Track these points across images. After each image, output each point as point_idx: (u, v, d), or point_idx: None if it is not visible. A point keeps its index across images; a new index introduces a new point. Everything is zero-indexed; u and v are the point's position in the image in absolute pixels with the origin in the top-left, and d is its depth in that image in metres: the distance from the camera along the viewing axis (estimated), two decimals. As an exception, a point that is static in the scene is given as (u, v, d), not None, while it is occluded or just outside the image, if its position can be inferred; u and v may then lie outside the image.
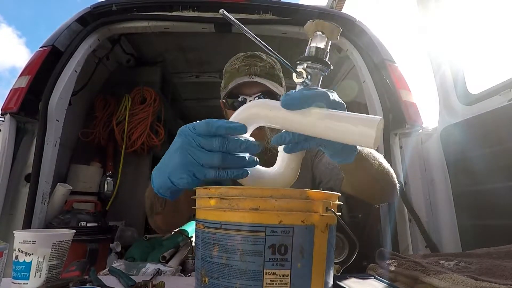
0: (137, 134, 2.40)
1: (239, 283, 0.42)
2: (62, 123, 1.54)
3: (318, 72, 0.55)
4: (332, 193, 0.49)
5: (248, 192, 0.44)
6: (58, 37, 1.60)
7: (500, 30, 1.31)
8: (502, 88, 1.19)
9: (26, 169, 1.41)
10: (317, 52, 0.55)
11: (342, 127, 0.47)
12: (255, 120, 0.55)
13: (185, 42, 2.43)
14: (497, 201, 1.18)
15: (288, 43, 2.14)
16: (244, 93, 0.99)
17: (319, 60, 0.54)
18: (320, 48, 0.55)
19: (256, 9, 1.75)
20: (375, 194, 0.85)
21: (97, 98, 2.41)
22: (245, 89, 0.99)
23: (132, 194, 2.42)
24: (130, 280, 0.66)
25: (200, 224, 0.47)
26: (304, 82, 0.54)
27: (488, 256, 0.72)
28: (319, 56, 0.55)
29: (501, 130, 1.18)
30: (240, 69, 1.00)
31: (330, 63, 0.56)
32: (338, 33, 0.55)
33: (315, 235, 0.44)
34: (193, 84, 3.09)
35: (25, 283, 0.60)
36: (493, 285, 0.51)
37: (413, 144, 1.55)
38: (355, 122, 0.47)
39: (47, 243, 0.62)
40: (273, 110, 0.53)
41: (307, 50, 0.56)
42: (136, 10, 1.76)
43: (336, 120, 0.48)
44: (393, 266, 0.67)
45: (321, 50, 0.55)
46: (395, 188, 0.84)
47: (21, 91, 1.44)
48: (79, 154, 2.24)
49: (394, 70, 1.63)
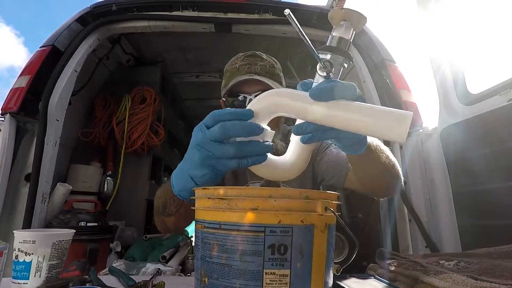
0: (137, 134, 2.40)
1: (238, 283, 0.42)
2: (62, 123, 1.54)
3: (341, 64, 0.53)
4: (331, 192, 0.49)
5: (247, 192, 0.44)
6: (58, 37, 1.60)
7: (500, 30, 1.31)
8: (502, 88, 1.19)
9: (26, 169, 1.41)
10: (341, 42, 0.53)
11: (375, 121, 0.47)
12: (276, 109, 0.53)
13: (185, 42, 2.43)
14: (497, 201, 1.18)
15: (288, 43, 2.14)
16: (244, 91, 0.99)
17: (343, 52, 0.52)
18: (344, 38, 0.53)
19: (256, 9, 1.75)
20: (381, 186, 0.86)
21: (97, 98, 2.42)
22: (246, 87, 0.99)
23: (132, 194, 2.42)
24: (130, 280, 0.66)
25: (199, 224, 0.47)
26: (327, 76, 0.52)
27: (488, 256, 0.72)
28: (342, 47, 0.52)
29: (501, 130, 1.18)
30: (241, 68, 1.00)
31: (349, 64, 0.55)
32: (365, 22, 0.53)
33: (315, 235, 0.44)
34: (193, 84, 3.09)
35: (25, 282, 0.60)
36: (493, 285, 0.51)
37: (413, 144, 1.55)
38: (389, 117, 0.47)
39: (47, 243, 0.62)
40: (295, 100, 0.51)
41: (331, 39, 0.53)
42: (136, 10, 1.76)
43: (369, 114, 0.48)
44: (393, 266, 0.67)
45: (344, 41, 0.53)
46: (400, 181, 0.85)
47: (21, 91, 1.44)
48: (79, 154, 2.24)
49: (394, 70, 1.64)
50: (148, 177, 2.53)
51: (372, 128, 0.48)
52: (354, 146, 0.58)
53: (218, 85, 1.12)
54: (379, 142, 0.75)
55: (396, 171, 0.82)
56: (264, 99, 0.53)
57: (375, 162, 0.73)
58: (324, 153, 1.03)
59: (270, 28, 1.77)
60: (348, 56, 0.53)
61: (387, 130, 0.47)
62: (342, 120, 0.49)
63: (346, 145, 0.57)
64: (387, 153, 0.78)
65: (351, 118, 0.48)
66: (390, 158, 0.79)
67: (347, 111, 0.48)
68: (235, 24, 1.76)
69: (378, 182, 0.83)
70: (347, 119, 0.48)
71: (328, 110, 0.49)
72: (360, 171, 0.81)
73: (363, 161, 0.72)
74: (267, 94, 0.54)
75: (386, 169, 0.77)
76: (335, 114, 0.49)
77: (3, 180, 1.33)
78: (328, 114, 0.49)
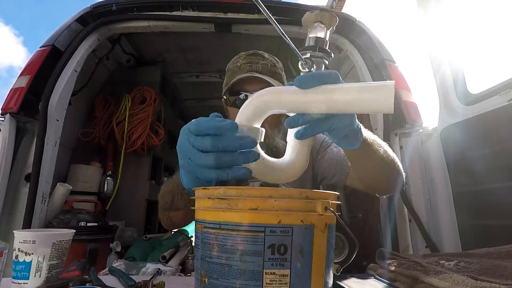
0: (137, 134, 2.40)
1: (238, 283, 0.42)
2: (62, 123, 1.54)
3: (321, 60, 0.57)
4: (331, 192, 0.49)
5: (247, 192, 0.44)
6: (58, 37, 1.60)
7: (500, 30, 1.31)
8: (502, 88, 1.19)
9: (26, 169, 1.41)
10: (317, 41, 0.57)
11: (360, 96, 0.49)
12: (268, 107, 0.55)
13: (185, 42, 2.43)
14: (497, 201, 1.18)
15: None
16: (246, 89, 0.99)
17: (320, 49, 0.56)
18: (320, 37, 0.57)
19: (256, 9, 1.74)
20: (381, 182, 0.85)
21: (97, 98, 2.42)
22: (247, 85, 0.99)
23: (132, 194, 2.42)
24: (130, 280, 0.66)
25: (199, 224, 0.47)
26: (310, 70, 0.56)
27: (488, 256, 0.72)
28: (320, 45, 0.57)
29: (501, 130, 1.18)
30: (242, 66, 1.01)
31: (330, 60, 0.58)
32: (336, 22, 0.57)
33: (315, 235, 0.44)
34: (193, 84, 3.09)
35: (25, 282, 0.60)
36: (493, 285, 0.51)
37: (413, 144, 1.55)
38: (372, 90, 0.49)
39: (47, 243, 0.62)
40: (284, 94, 0.54)
41: (308, 40, 0.58)
42: (136, 10, 1.76)
43: (354, 91, 0.50)
44: (393, 266, 0.67)
45: (321, 40, 0.57)
46: (401, 177, 0.84)
47: (21, 91, 1.44)
48: (79, 154, 2.24)
49: (394, 70, 1.64)
50: (148, 177, 2.53)
51: (359, 104, 0.49)
52: (349, 139, 0.59)
53: (218, 85, 1.12)
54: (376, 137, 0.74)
55: (397, 166, 0.81)
56: (251, 102, 0.55)
57: (373, 157, 0.72)
58: (325, 151, 1.03)
59: (270, 28, 1.77)
60: (327, 52, 0.57)
61: (375, 103, 0.48)
62: (330, 101, 0.51)
63: (340, 138, 0.58)
64: (385, 147, 0.77)
65: (338, 98, 0.50)
66: (389, 152, 0.78)
67: (332, 93, 0.50)
68: (235, 24, 1.76)
69: (378, 178, 0.82)
70: (333, 100, 0.50)
71: (315, 95, 0.51)
72: (359, 167, 0.80)
73: (360, 156, 0.71)
74: (253, 96, 0.56)
75: (385, 164, 0.77)
76: (321, 97, 0.51)
77: (3, 180, 1.33)
78: (315, 99, 0.51)
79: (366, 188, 0.91)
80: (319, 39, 0.57)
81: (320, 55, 0.56)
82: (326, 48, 0.57)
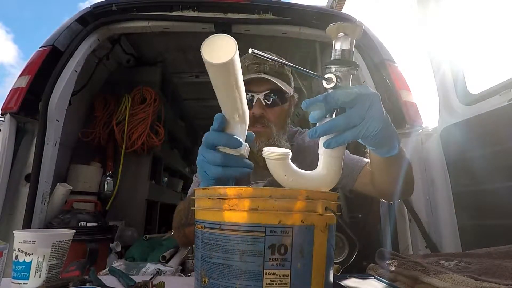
0: (137, 134, 2.40)
1: (239, 284, 0.42)
2: (62, 123, 1.54)
3: (347, 73, 0.55)
4: (331, 192, 0.49)
5: (247, 192, 0.44)
6: (58, 37, 1.60)
7: (500, 30, 1.31)
8: (502, 88, 1.19)
9: (26, 169, 1.41)
10: (343, 54, 0.55)
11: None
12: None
13: (185, 42, 2.43)
14: (497, 201, 1.18)
15: (288, 43, 2.14)
16: (253, 90, 0.98)
17: (346, 62, 0.55)
18: (345, 49, 0.55)
19: (256, 9, 1.75)
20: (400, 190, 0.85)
21: (97, 98, 2.42)
22: (254, 86, 0.98)
23: (132, 194, 2.42)
24: (130, 280, 0.66)
25: (199, 224, 0.47)
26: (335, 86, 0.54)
27: (488, 256, 0.71)
28: (345, 57, 0.55)
29: (501, 130, 1.18)
30: (250, 67, 1.00)
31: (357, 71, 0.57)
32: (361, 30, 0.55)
33: (315, 235, 0.44)
34: (193, 84, 3.09)
35: (25, 283, 0.60)
36: (493, 285, 0.51)
37: (413, 144, 1.55)
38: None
39: (47, 243, 0.62)
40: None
41: (333, 53, 0.56)
42: (136, 10, 1.76)
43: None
44: (393, 266, 0.67)
45: (346, 52, 0.55)
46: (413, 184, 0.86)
47: (21, 91, 1.44)
48: (79, 154, 2.24)
49: (394, 70, 1.63)
50: (148, 177, 2.53)
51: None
52: (384, 147, 0.59)
53: (219, 85, 1.12)
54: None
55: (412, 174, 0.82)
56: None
57: (403, 164, 0.72)
58: None
59: (270, 28, 1.77)
60: (353, 64, 0.55)
61: None
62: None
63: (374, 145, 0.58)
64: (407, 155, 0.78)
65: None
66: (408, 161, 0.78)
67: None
68: (235, 24, 1.76)
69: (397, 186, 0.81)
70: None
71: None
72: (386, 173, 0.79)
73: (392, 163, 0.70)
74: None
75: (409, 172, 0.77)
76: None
77: (3, 180, 1.33)
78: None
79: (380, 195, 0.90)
80: (344, 52, 0.55)
81: (346, 68, 0.55)
82: (352, 60, 0.55)
